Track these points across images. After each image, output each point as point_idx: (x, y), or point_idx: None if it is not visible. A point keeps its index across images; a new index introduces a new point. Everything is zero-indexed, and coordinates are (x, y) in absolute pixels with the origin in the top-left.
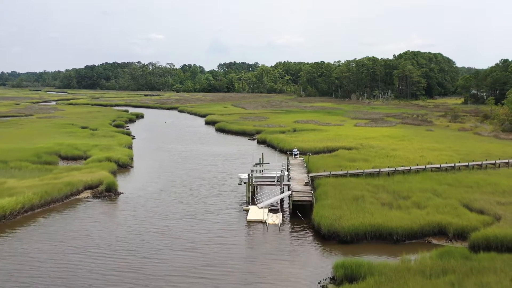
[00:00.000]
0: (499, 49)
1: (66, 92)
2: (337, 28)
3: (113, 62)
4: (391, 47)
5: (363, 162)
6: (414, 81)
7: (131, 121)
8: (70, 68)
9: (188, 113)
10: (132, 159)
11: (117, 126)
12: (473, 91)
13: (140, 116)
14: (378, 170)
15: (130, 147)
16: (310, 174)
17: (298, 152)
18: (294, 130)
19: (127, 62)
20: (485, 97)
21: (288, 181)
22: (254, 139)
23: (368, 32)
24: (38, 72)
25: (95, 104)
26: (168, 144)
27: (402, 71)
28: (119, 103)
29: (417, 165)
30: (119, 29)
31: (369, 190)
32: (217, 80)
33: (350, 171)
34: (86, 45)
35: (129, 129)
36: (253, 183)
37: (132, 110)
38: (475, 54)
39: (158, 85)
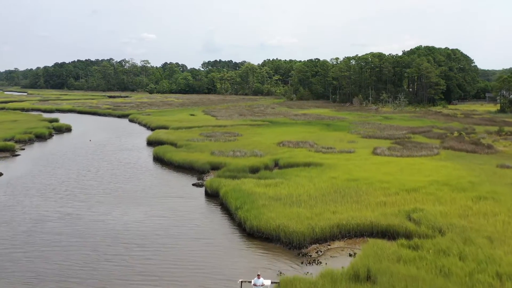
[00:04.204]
0: (498, 49)
1: (26, 92)
2: (329, 29)
3: (85, 60)
4: (384, 47)
5: None
6: (431, 82)
7: (41, 138)
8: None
9: (139, 123)
10: None
11: (1, 150)
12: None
13: (64, 129)
14: None
15: None
16: None
17: (265, 285)
18: (276, 165)
19: (101, 60)
20: None
21: None
22: (201, 185)
23: (360, 33)
24: (8, 70)
25: (33, 109)
26: (30, 198)
27: (417, 70)
28: (63, 108)
29: None
30: (110, 28)
31: None
32: (196, 80)
33: None
34: (77, 44)
35: (17, 154)
36: None
37: (75, 116)
38: (473, 56)
39: (132, 85)
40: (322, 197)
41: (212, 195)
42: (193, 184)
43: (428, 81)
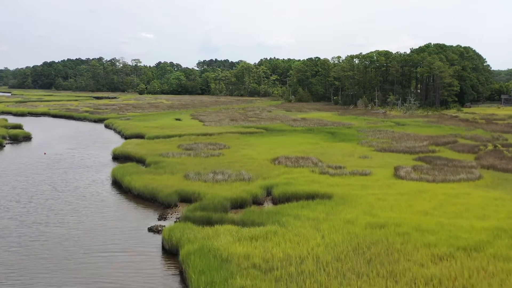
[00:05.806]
0: (499, 49)
1: (11, 93)
2: (327, 29)
3: (76, 59)
4: (383, 47)
5: None
6: (444, 83)
7: None
8: None
9: (115, 130)
10: None
11: None
12: None
13: (21, 138)
14: None
15: None
16: None
17: None
18: (269, 194)
19: (92, 59)
20: None
21: None
22: (160, 230)
23: (359, 33)
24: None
25: (3, 112)
26: None
27: (428, 69)
28: (37, 111)
29: None
30: (108, 28)
31: None
32: (189, 80)
33: None
34: (74, 44)
35: None
36: None
37: (47, 121)
38: None
39: (122, 85)
40: (336, 264)
41: (170, 252)
42: (150, 229)
43: (441, 82)
